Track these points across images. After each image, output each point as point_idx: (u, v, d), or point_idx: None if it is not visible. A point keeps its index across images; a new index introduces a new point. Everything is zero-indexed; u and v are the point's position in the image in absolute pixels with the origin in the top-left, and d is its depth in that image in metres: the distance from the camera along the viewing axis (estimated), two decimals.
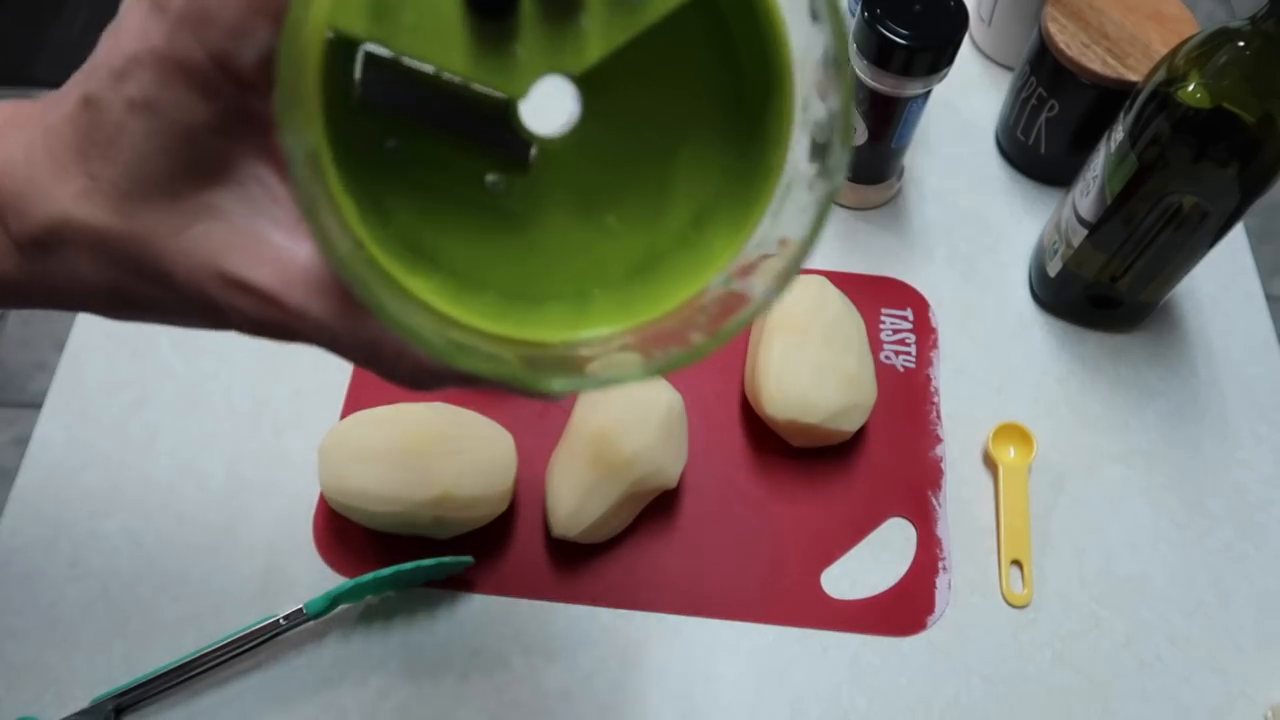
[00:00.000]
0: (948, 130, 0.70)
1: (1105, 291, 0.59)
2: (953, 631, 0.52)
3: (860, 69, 0.56)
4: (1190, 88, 0.48)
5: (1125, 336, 0.62)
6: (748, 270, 0.22)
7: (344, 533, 0.53)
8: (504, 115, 0.22)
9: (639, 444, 0.50)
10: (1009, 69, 0.72)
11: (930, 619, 0.52)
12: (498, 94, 0.21)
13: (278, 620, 0.49)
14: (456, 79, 0.21)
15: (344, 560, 0.53)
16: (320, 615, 0.50)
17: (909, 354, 0.60)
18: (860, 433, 0.57)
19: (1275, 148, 0.48)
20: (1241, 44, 0.46)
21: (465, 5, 0.20)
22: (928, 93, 0.57)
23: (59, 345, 1.43)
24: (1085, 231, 0.56)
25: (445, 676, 0.50)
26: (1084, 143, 0.59)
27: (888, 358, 0.60)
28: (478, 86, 0.21)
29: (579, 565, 0.53)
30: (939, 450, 0.57)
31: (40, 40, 1.67)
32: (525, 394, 0.21)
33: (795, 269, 0.21)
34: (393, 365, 0.23)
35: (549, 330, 0.22)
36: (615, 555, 0.53)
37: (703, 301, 0.23)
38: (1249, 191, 0.50)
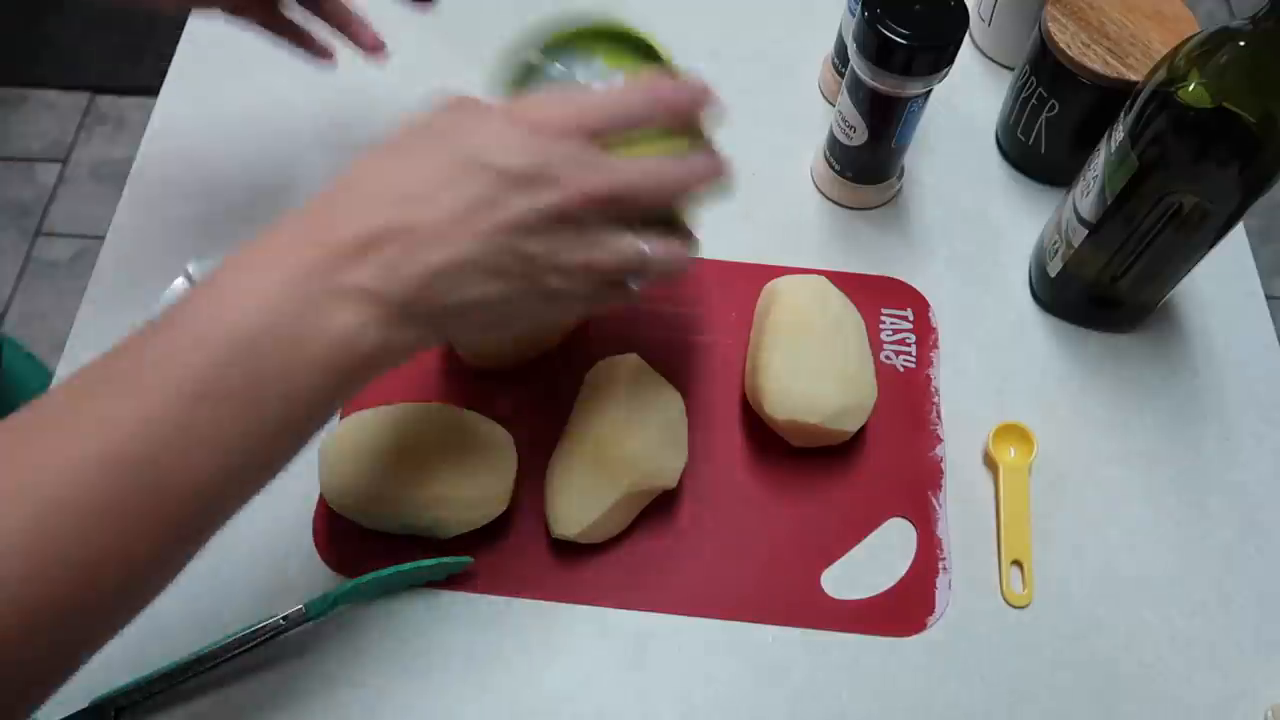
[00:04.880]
0: (948, 130, 0.70)
1: (1105, 292, 0.59)
2: (953, 631, 0.52)
3: (860, 69, 0.56)
4: (1191, 87, 0.48)
5: (1125, 337, 0.62)
6: None
7: (344, 533, 0.53)
8: None
9: (639, 444, 0.50)
10: (1009, 69, 0.72)
11: (930, 619, 0.52)
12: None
13: (278, 620, 0.49)
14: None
15: (344, 560, 0.52)
16: (320, 615, 0.50)
17: (909, 354, 0.60)
18: (860, 433, 0.57)
19: (1276, 147, 0.48)
20: (1242, 43, 0.46)
21: None
22: (928, 93, 0.57)
23: (59, 345, 1.43)
24: (1085, 231, 0.56)
25: (445, 676, 0.50)
26: (1084, 143, 0.59)
27: (888, 358, 0.60)
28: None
29: (579, 565, 0.53)
30: (939, 450, 0.57)
31: (40, 40, 1.67)
32: None
33: None
34: None
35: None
36: (615, 555, 0.53)
37: None
38: (1250, 191, 0.50)
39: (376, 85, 0.70)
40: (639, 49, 0.47)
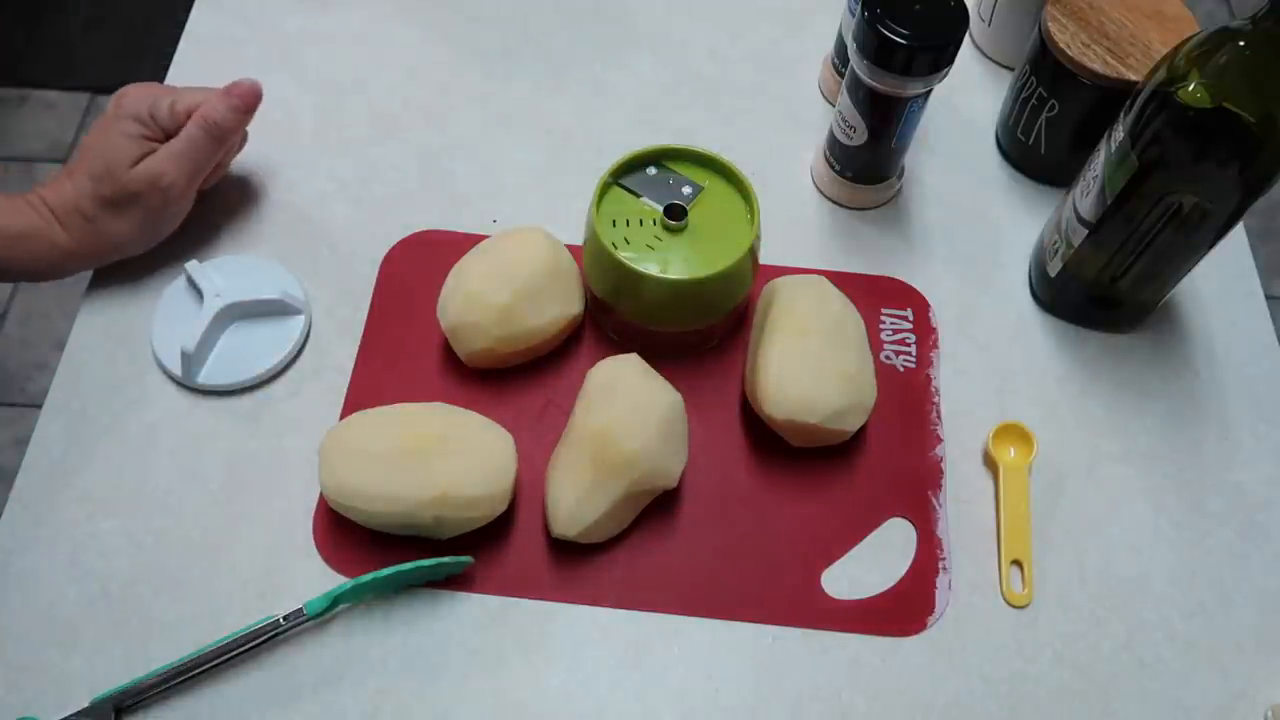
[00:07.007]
0: (948, 130, 0.70)
1: (1105, 292, 0.59)
2: (953, 631, 0.52)
3: (860, 69, 0.56)
4: (1191, 87, 0.48)
5: (1125, 337, 0.62)
6: None
7: (344, 533, 0.53)
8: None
9: (639, 444, 0.50)
10: (1009, 69, 0.72)
11: (930, 619, 0.52)
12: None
13: (278, 620, 0.49)
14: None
15: (344, 560, 0.52)
16: (320, 615, 0.50)
17: (909, 354, 0.60)
18: (860, 433, 0.57)
19: (1276, 147, 0.48)
20: (1242, 43, 0.46)
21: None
22: (928, 92, 0.57)
23: (59, 345, 1.43)
24: (1086, 231, 0.56)
25: (445, 676, 0.50)
26: (1084, 143, 0.59)
27: (888, 358, 0.60)
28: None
29: (579, 565, 0.53)
30: (939, 450, 0.57)
31: (40, 40, 1.67)
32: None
33: None
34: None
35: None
36: (615, 555, 0.53)
37: None
38: (1249, 191, 0.50)
39: (376, 85, 0.70)
40: (697, 160, 0.57)
